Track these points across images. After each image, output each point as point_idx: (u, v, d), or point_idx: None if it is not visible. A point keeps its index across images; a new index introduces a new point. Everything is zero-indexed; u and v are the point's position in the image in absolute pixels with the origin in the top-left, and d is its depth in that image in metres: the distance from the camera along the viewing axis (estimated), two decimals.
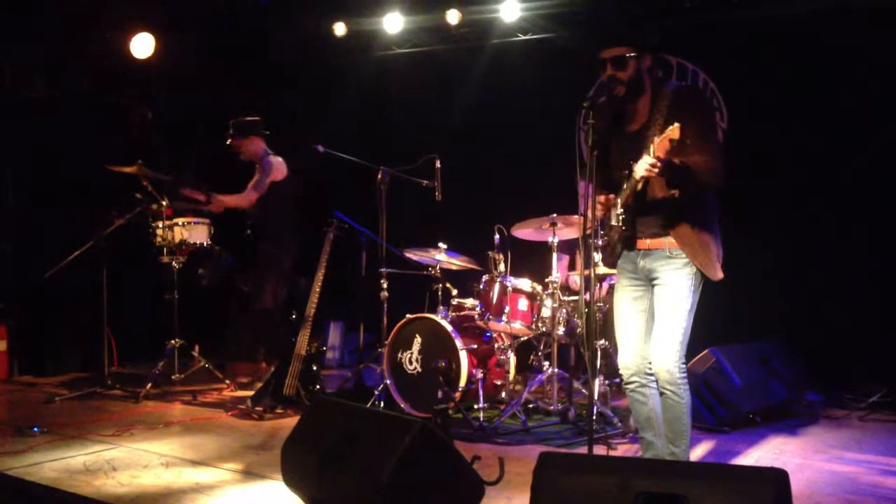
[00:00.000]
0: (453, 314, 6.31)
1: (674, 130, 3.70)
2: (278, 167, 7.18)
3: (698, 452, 5.11)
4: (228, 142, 7.23)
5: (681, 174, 3.92)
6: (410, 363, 6.14)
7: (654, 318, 4.16)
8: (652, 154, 3.81)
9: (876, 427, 5.78)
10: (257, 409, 6.15)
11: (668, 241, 4.10)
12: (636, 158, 3.94)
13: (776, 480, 2.85)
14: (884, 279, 6.59)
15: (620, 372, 4.33)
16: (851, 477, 4.62)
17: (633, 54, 4.05)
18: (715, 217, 4.17)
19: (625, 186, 4.09)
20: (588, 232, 4.05)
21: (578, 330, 6.04)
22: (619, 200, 4.16)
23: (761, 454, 5.13)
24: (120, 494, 4.33)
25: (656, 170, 3.84)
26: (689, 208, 4.07)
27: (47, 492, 4.43)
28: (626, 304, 4.31)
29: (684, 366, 4.12)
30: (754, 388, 5.80)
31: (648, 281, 4.22)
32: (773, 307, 6.93)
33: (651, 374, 4.20)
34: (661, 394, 4.17)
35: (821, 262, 6.80)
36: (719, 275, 4.12)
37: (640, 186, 4.03)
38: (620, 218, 4.16)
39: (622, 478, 2.97)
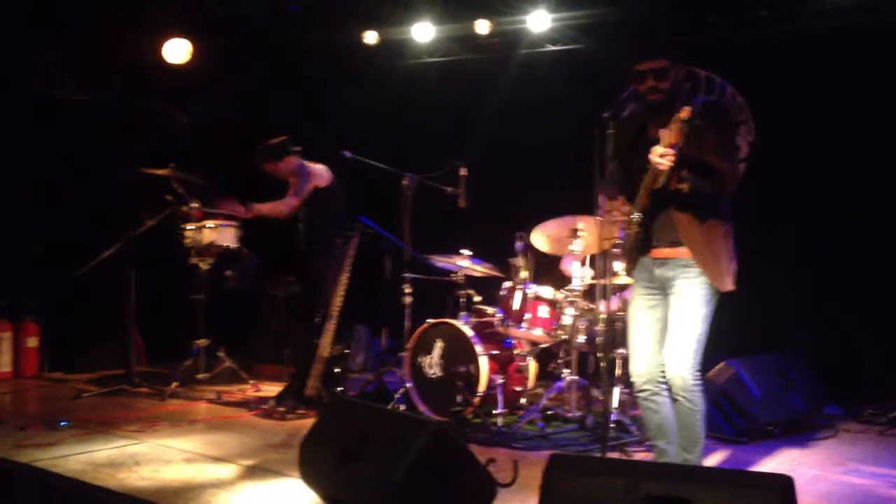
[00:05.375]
0: (475, 320, 6.36)
1: (683, 111, 3.69)
2: (319, 173, 6.92)
3: (714, 462, 5.11)
4: (263, 168, 6.94)
5: (695, 166, 3.91)
6: (431, 367, 6.20)
7: (669, 327, 4.17)
8: (665, 143, 3.81)
9: (895, 441, 5.76)
10: (279, 409, 6.25)
11: (684, 250, 4.12)
12: None
13: (782, 486, 2.89)
14: None
15: (632, 379, 4.33)
16: (866, 489, 4.62)
17: (672, 66, 4.07)
18: (729, 228, 4.19)
19: (641, 187, 4.10)
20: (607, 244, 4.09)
21: (598, 339, 6.06)
22: (635, 203, 4.18)
23: (777, 465, 5.13)
24: (141, 488, 4.43)
25: (669, 158, 3.83)
26: (704, 217, 4.08)
27: (72, 483, 4.54)
28: (641, 313, 4.32)
29: (699, 374, 4.13)
30: (773, 400, 5.79)
31: (664, 290, 4.23)
32: (793, 319, 6.90)
33: (663, 382, 4.22)
34: (675, 401, 4.18)
35: (842, 274, 6.76)
36: (729, 286, 4.13)
37: (659, 182, 3.98)
38: (635, 221, 4.17)
39: (630, 480, 3.02)
